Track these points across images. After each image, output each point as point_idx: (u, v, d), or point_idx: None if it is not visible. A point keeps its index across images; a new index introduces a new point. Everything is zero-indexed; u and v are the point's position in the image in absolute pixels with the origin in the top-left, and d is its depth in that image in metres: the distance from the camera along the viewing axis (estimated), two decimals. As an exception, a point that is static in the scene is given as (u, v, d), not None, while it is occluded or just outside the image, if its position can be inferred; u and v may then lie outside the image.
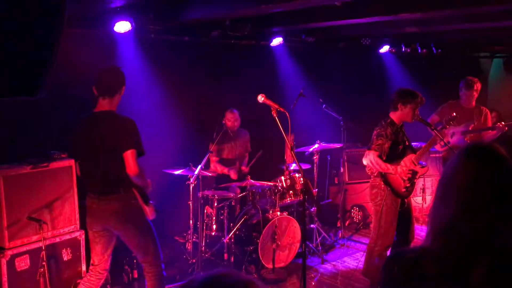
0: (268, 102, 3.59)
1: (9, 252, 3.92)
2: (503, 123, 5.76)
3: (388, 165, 4.36)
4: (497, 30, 6.22)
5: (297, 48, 6.99)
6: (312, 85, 6.69)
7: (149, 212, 3.70)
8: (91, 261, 3.81)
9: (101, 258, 3.77)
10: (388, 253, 4.42)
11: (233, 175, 5.86)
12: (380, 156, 4.37)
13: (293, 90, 6.30)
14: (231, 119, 5.92)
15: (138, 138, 3.58)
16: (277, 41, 6.40)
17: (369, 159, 4.40)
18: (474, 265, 1.33)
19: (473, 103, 6.01)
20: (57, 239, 4.30)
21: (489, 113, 6.09)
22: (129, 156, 3.47)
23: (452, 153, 4.15)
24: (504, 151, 1.45)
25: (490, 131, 5.86)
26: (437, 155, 6.90)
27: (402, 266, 1.45)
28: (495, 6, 4.32)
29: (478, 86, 5.95)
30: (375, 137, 4.43)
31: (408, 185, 4.45)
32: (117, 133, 3.53)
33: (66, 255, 4.36)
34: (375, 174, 4.50)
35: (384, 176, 4.42)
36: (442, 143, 5.35)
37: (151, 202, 3.72)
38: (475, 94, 5.95)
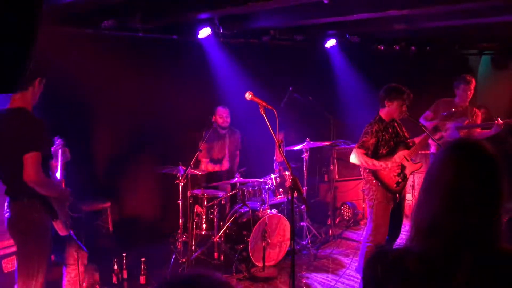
0: (256, 99, 3.57)
1: (-4, 254, 3.87)
2: (499, 119, 5.72)
3: (375, 162, 4.38)
4: (485, 27, 6.25)
5: (286, 46, 6.98)
6: (302, 82, 6.68)
7: (59, 228, 3.30)
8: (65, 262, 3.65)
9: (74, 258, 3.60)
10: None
11: (224, 166, 5.86)
12: (366, 154, 4.39)
13: (282, 88, 6.28)
14: (223, 115, 5.89)
15: (43, 141, 3.14)
16: (266, 37, 6.40)
17: (355, 157, 4.44)
18: (458, 263, 1.33)
19: (467, 102, 6.03)
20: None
21: (480, 115, 6.13)
22: (28, 160, 3.02)
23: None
24: (491, 148, 1.44)
25: (485, 130, 5.89)
26: (426, 151, 6.92)
27: (385, 265, 1.44)
28: (482, 2, 4.34)
29: (472, 87, 5.97)
30: (362, 135, 4.47)
31: (400, 180, 4.46)
32: (18, 134, 3.12)
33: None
34: (367, 170, 4.51)
35: (374, 172, 4.43)
36: (436, 136, 5.37)
37: (59, 218, 3.29)
38: (471, 91, 5.98)
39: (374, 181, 4.45)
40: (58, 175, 3.53)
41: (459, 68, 9.41)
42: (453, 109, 4.93)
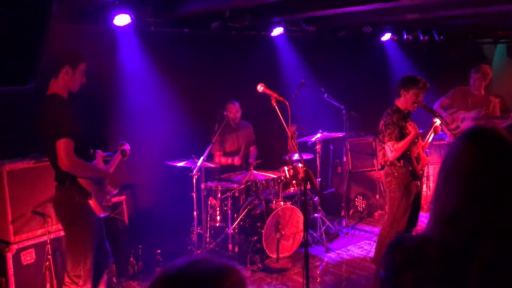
0: (268, 91, 3.58)
1: (15, 246, 3.94)
2: None
3: (405, 140, 4.37)
4: (500, 15, 6.16)
5: (298, 38, 6.96)
6: (314, 74, 6.67)
7: (95, 208, 3.37)
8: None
9: None
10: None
11: (237, 161, 5.88)
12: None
13: (294, 80, 6.28)
14: (232, 111, 5.92)
15: (72, 125, 3.22)
16: (277, 31, 6.37)
17: (390, 150, 4.40)
18: (476, 252, 1.32)
19: (482, 91, 6.01)
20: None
21: (497, 103, 6.08)
22: (60, 146, 3.13)
23: None
24: (508, 135, 1.42)
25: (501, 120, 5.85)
26: (441, 142, 6.87)
27: (404, 253, 1.43)
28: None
29: (486, 70, 5.96)
30: (383, 127, 4.44)
31: (424, 165, 4.59)
32: (50, 120, 3.23)
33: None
34: (388, 163, 4.51)
35: (409, 155, 4.42)
36: (452, 126, 5.36)
37: (93, 197, 3.36)
38: (483, 79, 5.95)
39: (396, 174, 4.47)
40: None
41: (474, 57, 9.30)
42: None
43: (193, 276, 1.08)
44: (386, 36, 7.58)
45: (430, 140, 4.83)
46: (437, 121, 4.71)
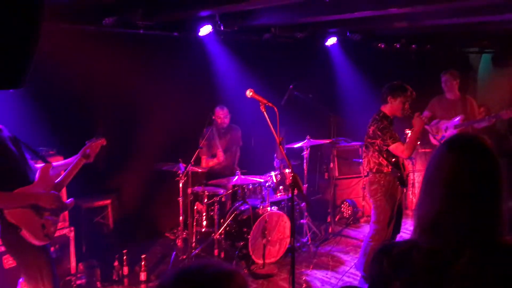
0: (257, 97, 3.58)
1: (-3, 250, 3.88)
2: (492, 115, 5.81)
3: (411, 138, 4.40)
4: (486, 25, 6.26)
5: (288, 44, 6.98)
6: (303, 80, 6.68)
7: (28, 238, 3.05)
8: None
9: None
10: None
11: (220, 155, 5.88)
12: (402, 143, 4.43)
13: (282, 85, 6.29)
14: (221, 116, 5.90)
15: None
16: (267, 35, 6.40)
17: (401, 151, 4.35)
18: (458, 259, 1.34)
19: (457, 92, 6.13)
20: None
21: (474, 102, 6.20)
22: None
23: None
24: (490, 142, 1.44)
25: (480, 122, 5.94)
26: (426, 149, 6.94)
27: (391, 260, 1.45)
28: (483, 0, 4.34)
29: (453, 71, 6.17)
30: (378, 132, 4.40)
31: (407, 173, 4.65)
32: None
33: (54, 252, 4.32)
34: (374, 171, 4.51)
35: (396, 162, 4.45)
36: (438, 137, 5.41)
37: (24, 227, 3.03)
38: (453, 78, 6.12)
39: (382, 181, 4.46)
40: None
41: (460, 66, 9.41)
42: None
43: (203, 278, 1.12)
44: (375, 44, 7.65)
45: None
46: (409, 133, 4.78)
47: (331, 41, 7.18)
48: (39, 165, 3.30)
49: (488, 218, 1.37)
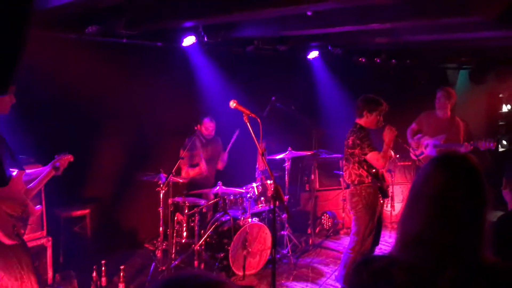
0: (240, 108, 3.60)
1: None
2: (471, 143, 5.73)
3: (384, 149, 4.48)
4: (464, 42, 6.40)
5: (270, 57, 7.03)
6: (285, 92, 6.74)
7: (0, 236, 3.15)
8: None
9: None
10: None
11: (203, 167, 5.86)
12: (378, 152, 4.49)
13: (265, 97, 6.33)
14: (209, 128, 5.92)
15: None
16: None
17: (376, 159, 4.44)
18: (440, 275, 1.35)
19: (448, 112, 6.08)
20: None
21: (462, 124, 6.11)
22: None
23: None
24: (476, 161, 1.47)
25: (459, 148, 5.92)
26: (405, 163, 7.04)
27: (371, 273, 1.45)
28: (462, 18, 4.45)
29: (450, 90, 6.08)
30: (357, 141, 4.48)
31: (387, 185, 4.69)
32: None
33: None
34: (355, 182, 4.56)
35: (375, 173, 4.52)
36: (417, 152, 5.45)
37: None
38: (447, 98, 6.01)
39: (363, 193, 4.51)
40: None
41: (438, 81, 9.60)
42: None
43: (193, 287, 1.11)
44: (356, 58, 7.77)
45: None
46: None
47: (313, 54, 7.28)
48: (13, 170, 3.34)
49: (472, 237, 1.39)
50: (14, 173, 3.33)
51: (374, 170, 4.53)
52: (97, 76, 5.32)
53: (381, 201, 4.66)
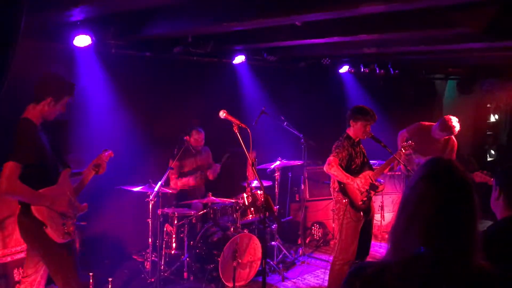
0: (230, 118, 3.60)
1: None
2: None
3: (347, 175, 4.49)
4: (451, 53, 6.47)
5: (259, 67, 7.06)
6: (274, 103, 6.75)
7: (51, 235, 3.26)
8: (23, 273, 3.56)
9: (33, 271, 3.50)
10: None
11: (192, 180, 5.83)
12: (340, 165, 4.47)
13: (255, 107, 6.33)
14: (198, 139, 5.90)
15: (26, 152, 3.13)
16: (239, 59, 6.46)
17: (329, 166, 4.49)
18: (435, 281, 1.36)
19: (443, 138, 5.97)
20: (9, 259, 4.12)
21: (456, 144, 6.02)
22: (4, 169, 3.06)
23: None
24: (462, 168, 1.48)
25: None
26: (396, 173, 7.06)
27: (363, 282, 1.44)
28: (448, 29, 4.51)
29: (451, 128, 5.74)
30: (334, 148, 4.60)
31: (364, 198, 4.57)
32: (13, 142, 3.16)
33: (17, 275, 4.18)
34: (337, 190, 4.59)
35: (343, 188, 4.53)
36: (402, 166, 5.42)
37: (48, 224, 3.25)
38: (447, 135, 5.87)
39: (344, 200, 4.53)
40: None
41: (426, 92, 9.70)
42: (411, 141, 4.88)
43: None
44: (344, 69, 7.82)
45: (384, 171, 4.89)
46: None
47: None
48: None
49: (466, 242, 1.40)
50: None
51: (342, 185, 4.57)
52: (85, 86, 5.29)
53: (368, 208, 4.66)
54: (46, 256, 3.34)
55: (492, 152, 9.90)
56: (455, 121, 5.76)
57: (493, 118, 9.86)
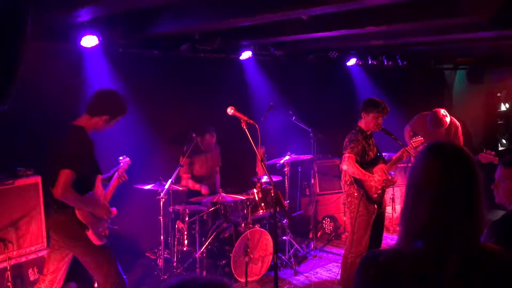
0: (238, 114, 3.60)
1: (-28, 273, 3.78)
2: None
3: (364, 172, 4.49)
4: (460, 42, 6.41)
5: (266, 61, 7.05)
6: (282, 97, 6.74)
7: (91, 238, 3.46)
8: (44, 271, 3.65)
9: (55, 268, 3.60)
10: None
11: (204, 190, 5.82)
12: (356, 161, 4.47)
13: (263, 103, 6.33)
14: (210, 143, 5.90)
15: (81, 161, 3.33)
16: (246, 54, 6.44)
17: (347, 164, 4.49)
18: (446, 263, 1.37)
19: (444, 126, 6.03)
20: (23, 259, 4.17)
21: (460, 127, 6.11)
22: (62, 175, 3.22)
23: None
24: (467, 150, 1.49)
25: None
26: (404, 164, 7.02)
27: (377, 269, 1.45)
28: (457, 18, 4.47)
29: (439, 122, 5.91)
30: (348, 142, 4.58)
31: (379, 191, 4.59)
32: (67, 148, 3.36)
33: (32, 275, 4.23)
34: (348, 183, 4.59)
35: (359, 181, 4.51)
36: (413, 159, 5.40)
37: (90, 227, 3.45)
38: (443, 131, 5.95)
39: (355, 194, 4.54)
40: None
41: (435, 83, 9.63)
42: (419, 137, 4.95)
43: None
44: (352, 61, 7.77)
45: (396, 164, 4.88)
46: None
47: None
48: None
49: (472, 222, 1.41)
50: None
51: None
52: (94, 86, 5.31)
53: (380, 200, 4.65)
54: (86, 256, 3.51)
55: (504, 141, 9.80)
56: (442, 114, 5.93)
57: (503, 107, 9.75)
